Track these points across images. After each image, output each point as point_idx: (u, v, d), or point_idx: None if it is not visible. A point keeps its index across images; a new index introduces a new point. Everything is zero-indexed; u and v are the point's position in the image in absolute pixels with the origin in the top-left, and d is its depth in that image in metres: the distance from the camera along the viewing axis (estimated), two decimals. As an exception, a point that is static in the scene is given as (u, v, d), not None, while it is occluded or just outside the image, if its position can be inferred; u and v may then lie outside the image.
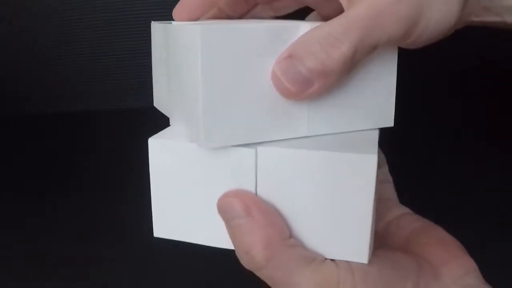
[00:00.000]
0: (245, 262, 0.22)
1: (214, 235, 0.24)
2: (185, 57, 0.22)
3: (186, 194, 0.24)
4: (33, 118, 0.72)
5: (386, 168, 0.29)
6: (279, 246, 0.21)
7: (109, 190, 0.56)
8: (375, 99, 0.24)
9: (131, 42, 0.70)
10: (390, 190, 0.29)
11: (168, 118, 0.28)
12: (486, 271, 0.24)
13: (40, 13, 0.68)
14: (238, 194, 0.23)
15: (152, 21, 0.28)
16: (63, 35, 0.69)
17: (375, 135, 0.24)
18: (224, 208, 0.23)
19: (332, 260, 0.22)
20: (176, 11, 0.27)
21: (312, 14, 0.31)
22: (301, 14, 0.30)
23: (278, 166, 0.22)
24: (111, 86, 0.73)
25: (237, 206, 0.22)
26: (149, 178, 0.24)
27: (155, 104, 0.30)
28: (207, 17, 0.28)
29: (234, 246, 0.23)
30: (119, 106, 0.73)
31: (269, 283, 0.22)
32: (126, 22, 0.69)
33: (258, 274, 0.22)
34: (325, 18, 0.28)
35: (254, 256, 0.21)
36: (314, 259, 0.22)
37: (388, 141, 0.28)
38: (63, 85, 0.72)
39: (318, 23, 0.21)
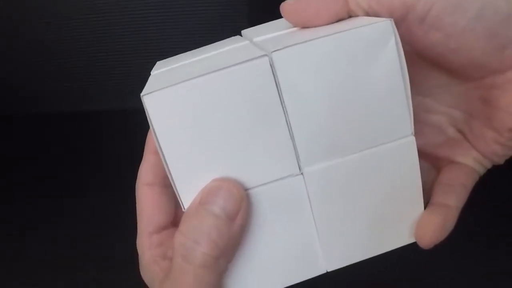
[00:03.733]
0: (185, 246, 0.18)
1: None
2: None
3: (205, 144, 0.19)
4: (34, 118, 0.71)
5: None
6: (218, 266, 0.19)
7: (109, 190, 0.56)
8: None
9: (132, 42, 0.71)
10: None
11: None
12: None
13: (41, 13, 0.68)
14: (237, 185, 0.19)
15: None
16: (64, 35, 0.69)
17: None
18: (214, 191, 0.19)
19: None
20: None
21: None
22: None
23: None
24: (112, 86, 0.73)
25: (230, 199, 0.18)
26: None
27: None
28: None
29: (187, 225, 0.19)
30: (120, 106, 0.73)
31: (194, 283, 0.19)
32: (127, 22, 0.69)
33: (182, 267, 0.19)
34: None
35: (200, 251, 0.18)
36: None
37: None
38: (64, 85, 0.72)
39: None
